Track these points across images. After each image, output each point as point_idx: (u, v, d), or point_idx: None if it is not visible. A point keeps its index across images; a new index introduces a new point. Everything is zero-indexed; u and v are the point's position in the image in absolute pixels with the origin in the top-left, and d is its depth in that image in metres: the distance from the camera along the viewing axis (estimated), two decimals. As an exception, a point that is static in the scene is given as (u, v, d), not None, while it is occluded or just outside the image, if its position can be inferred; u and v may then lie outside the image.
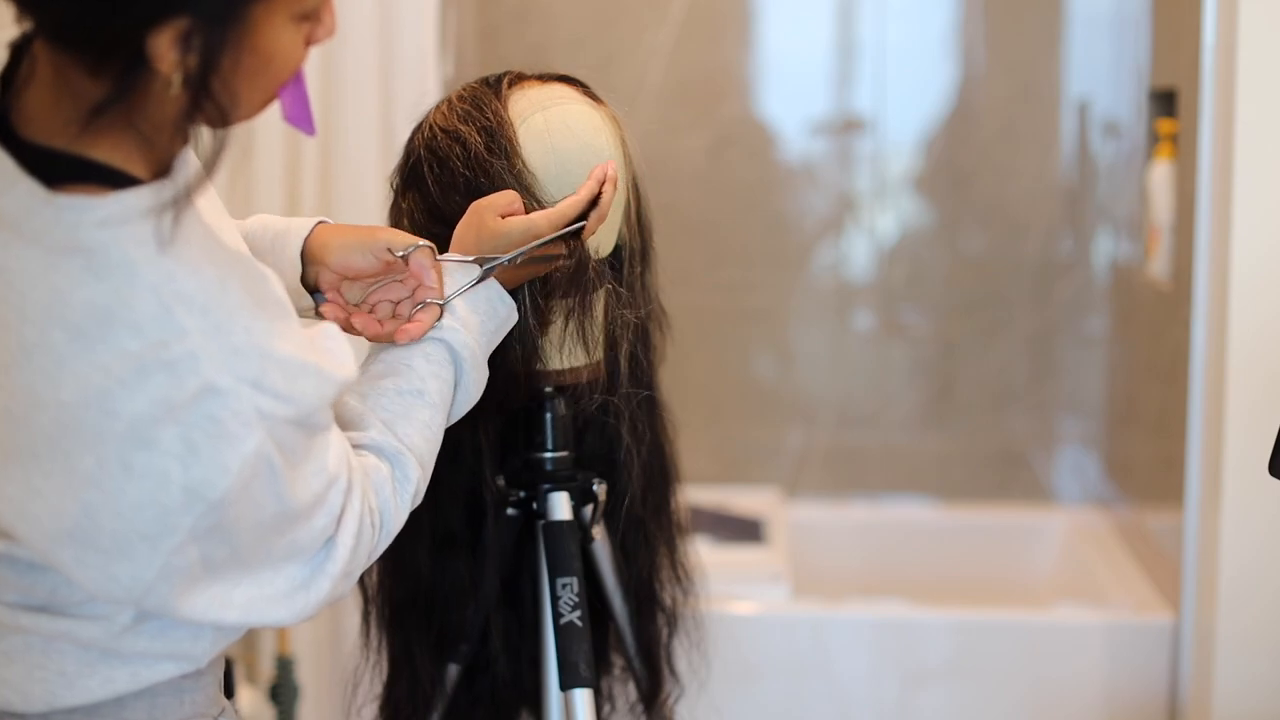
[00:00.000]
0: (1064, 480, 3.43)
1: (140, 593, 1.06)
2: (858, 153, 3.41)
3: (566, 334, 1.55)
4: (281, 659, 2.37)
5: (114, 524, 1.02)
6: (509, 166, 1.48)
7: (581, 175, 1.51)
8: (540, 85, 1.56)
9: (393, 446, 1.27)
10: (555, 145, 1.50)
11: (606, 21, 3.37)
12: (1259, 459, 2.27)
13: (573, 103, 1.55)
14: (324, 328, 1.17)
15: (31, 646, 1.12)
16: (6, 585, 1.11)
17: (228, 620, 1.11)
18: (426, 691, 1.67)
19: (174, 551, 1.04)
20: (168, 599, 1.07)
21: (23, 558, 1.09)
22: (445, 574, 1.66)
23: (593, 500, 1.65)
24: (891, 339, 3.45)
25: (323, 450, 1.13)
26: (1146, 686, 2.66)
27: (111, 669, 1.13)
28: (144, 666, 1.15)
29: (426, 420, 1.30)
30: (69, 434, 1.01)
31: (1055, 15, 3.33)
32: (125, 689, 1.14)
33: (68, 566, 1.05)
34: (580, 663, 1.54)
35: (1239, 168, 2.32)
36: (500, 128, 1.50)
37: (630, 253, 1.61)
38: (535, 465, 1.65)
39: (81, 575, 1.05)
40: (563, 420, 1.64)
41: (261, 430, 1.04)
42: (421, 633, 1.67)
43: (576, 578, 1.58)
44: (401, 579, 1.66)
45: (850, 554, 3.37)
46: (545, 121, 1.51)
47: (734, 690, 2.73)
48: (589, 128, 1.53)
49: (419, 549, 1.63)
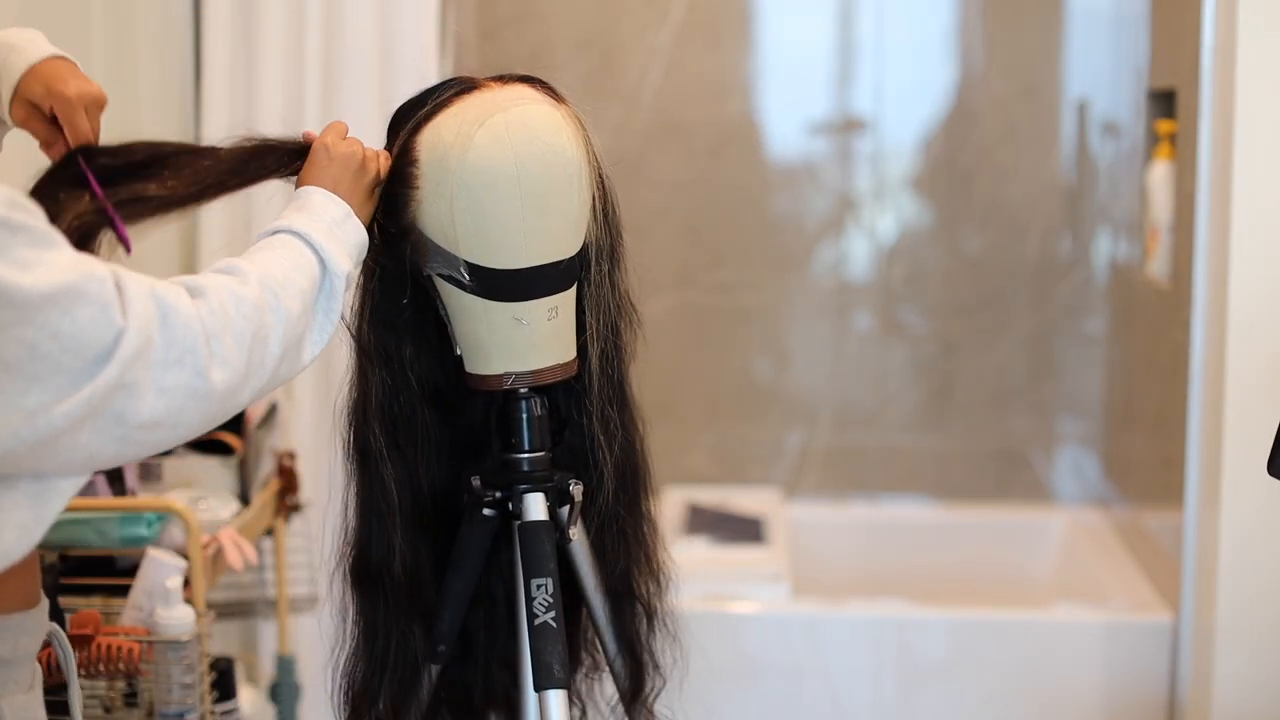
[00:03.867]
0: (1063, 480, 3.43)
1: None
2: (858, 153, 3.41)
3: (537, 333, 1.56)
4: (282, 659, 2.37)
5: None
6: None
7: (541, 174, 1.51)
8: (501, 86, 1.57)
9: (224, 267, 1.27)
10: (515, 146, 1.51)
11: (606, 21, 3.38)
12: (1258, 459, 2.26)
13: (533, 103, 1.55)
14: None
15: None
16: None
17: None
18: (383, 662, 1.68)
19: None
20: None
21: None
22: (418, 555, 1.67)
23: (569, 501, 1.66)
24: (891, 339, 3.45)
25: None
26: (1145, 685, 2.67)
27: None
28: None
29: (274, 259, 1.31)
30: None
31: (1055, 15, 3.33)
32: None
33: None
34: (555, 663, 1.55)
35: (1238, 168, 2.32)
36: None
37: (598, 250, 1.62)
38: (511, 466, 1.65)
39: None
40: (538, 420, 1.65)
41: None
42: (389, 606, 1.67)
43: (551, 579, 1.59)
44: (373, 548, 1.66)
45: (850, 554, 3.38)
46: (505, 123, 1.52)
47: (734, 689, 2.73)
48: (549, 127, 1.53)
49: (393, 527, 1.64)
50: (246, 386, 1.22)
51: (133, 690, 1.85)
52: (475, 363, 1.61)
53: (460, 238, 1.52)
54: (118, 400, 1.10)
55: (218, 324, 1.18)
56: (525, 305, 1.56)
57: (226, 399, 1.19)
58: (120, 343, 1.09)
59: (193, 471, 2.10)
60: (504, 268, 1.54)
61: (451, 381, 1.65)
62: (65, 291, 1.07)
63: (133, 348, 1.10)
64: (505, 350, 1.58)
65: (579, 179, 1.55)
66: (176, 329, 1.14)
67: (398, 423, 1.63)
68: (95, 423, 1.10)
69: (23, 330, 1.05)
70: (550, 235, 1.55)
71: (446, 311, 1.60)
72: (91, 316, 1.07)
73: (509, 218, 1.51)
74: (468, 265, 1.53)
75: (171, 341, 1.13)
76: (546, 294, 1.57)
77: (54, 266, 1.07)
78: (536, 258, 1.54)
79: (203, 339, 1.16)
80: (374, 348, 1.61)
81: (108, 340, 1.08)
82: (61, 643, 1.44)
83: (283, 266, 1.30)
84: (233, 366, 1.18)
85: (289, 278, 1.29)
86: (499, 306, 1.56)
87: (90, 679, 1.78)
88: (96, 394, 1.08)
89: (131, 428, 1.12)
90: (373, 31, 2.59)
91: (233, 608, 2.39)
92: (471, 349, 1.61)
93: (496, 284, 1.54)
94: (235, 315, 1.20)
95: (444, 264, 1.54)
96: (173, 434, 1.16)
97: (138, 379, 1.11)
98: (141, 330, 1.11)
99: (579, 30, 3.39)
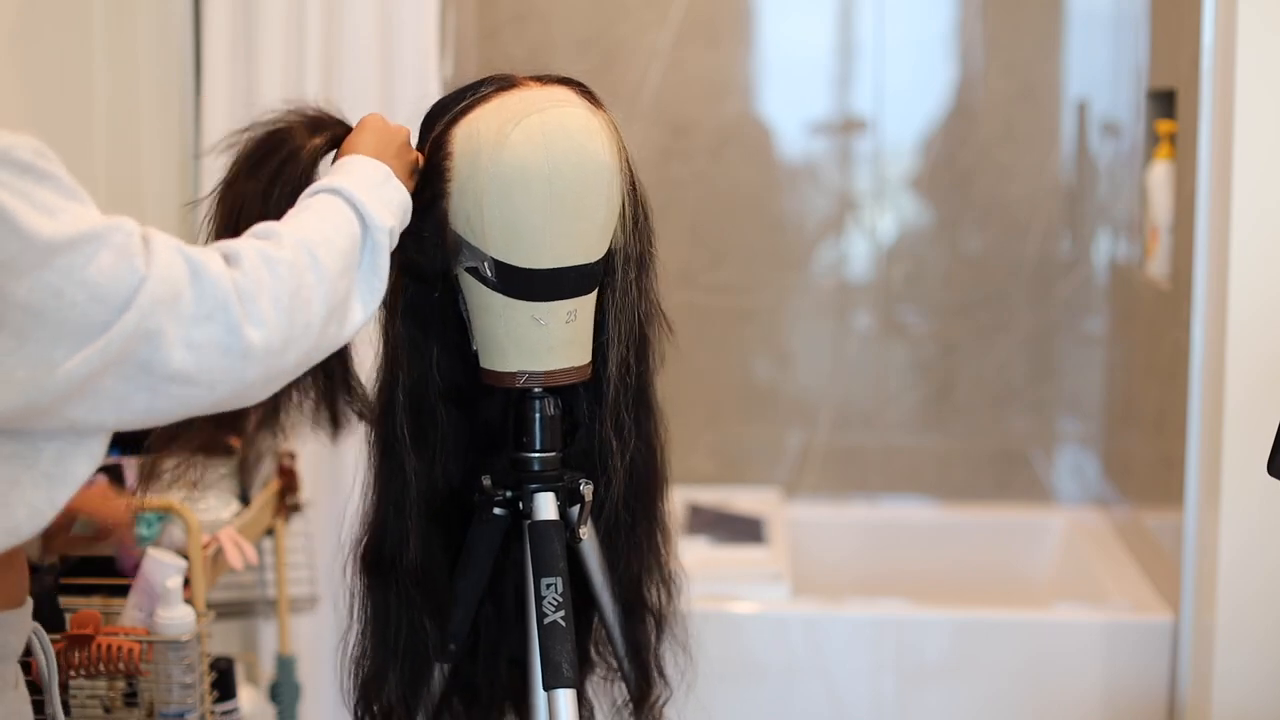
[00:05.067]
0: (1063, 480, 3.43)
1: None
2: (858, 153, 3.41)
3: (554, 335, 1.56)
4: (282, 659, 2.37)
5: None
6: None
7: (573, 177, 1.52)
8: (540, 87, 1.58)
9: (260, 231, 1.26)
10: (550, 147, 1.51)
11: (606, 22, 3.38)
12: (1258, 458, 2.27)
13: (570, 106, 1.56)
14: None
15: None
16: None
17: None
18: (394, 650, 1.68)
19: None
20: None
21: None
22: (431, 546, 1.67)
23: (579, 501, 1.66)
24: (891, 339, 3.45)
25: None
26: (1145, 685, 2.67)
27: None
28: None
29: (311, 220, 1.29)
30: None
31: (1054, 15, 3.33)
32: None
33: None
34: (564, 663, 1.55)
35: (1238, 167, 2.33)
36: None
37: (625, 258, 1.62)
38: (522, 465, 1.66)
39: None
40: (551, 420, 1.65)
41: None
42: (400, 595, 1.67)
43: (561, 578, 1.59)
44: (388, 537, 1.67)
45: (850, 554, 3.38)
46: (542, 123, 1.52)
47: (734, 689, 2.73)
48: (585, 131, 1.54)
49: (410, 517, 1.65)
50: (291, 349, 1.20)
51: (133, 690, 1.85)
52: (491, 359, 1.62)
53: (488, 233, 1.53)
54: (141, 349, 1.10)
55: (251, 285, 1.17)
56: (545, 306, 1.57)
57: (268, 361, 1.17)
58: (141, 289, 1.09)
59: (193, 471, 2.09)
60: (528, 267, 1.54)
61: (471, 379, 1.66)
62: (88, 238, 1.08)
63: (153, 296, 1.10)
64: (521, 349, 1.59)
65: (610, 185, 1.56)
66: (206, 285, 1.14)
67: (422, 415, 1.64)
68: (120, 369, 1.10)
69: (47, 275, 1.06)
70: (577, 238, 1.55)
71: (467, 308, 1.61)
72: (113, 263, 1.09)
73: (538, 217, 1.52)
74: (493, 262, 1.54)
75: (202, 296, 1.13)
76: (568, 296, 1.57)
77: (79, 215, 1.08)
78: (561, 259, 1.55)
79: (235, 297, 1.15)
80: (404, 339, 1.62)
81: (130, 287, 1.09)
82: (44, 643, 1.45)
83: (320, 228, 1.28)
84: (270, 327, 1.17)
85: (327, 238, 1.27)
86: (519, 305, 1.56)
87: (90, 679, 1.78)
88: (114, 342, 1.09)
89: (159, 379, 1.12)
90: (373, 32, 2.59)
91: (233, 608, 2.39)
92: (488, 345, 1.61)
93: (519, 282, 1.55)
94: (269, 277, 1.19)
95: (470, 258, 1.55)
96: (209, 394, 1.15)
97: (162, 328, 1.11)
98: (164, 280, 1.11)
99: (579, 30, 3.39)
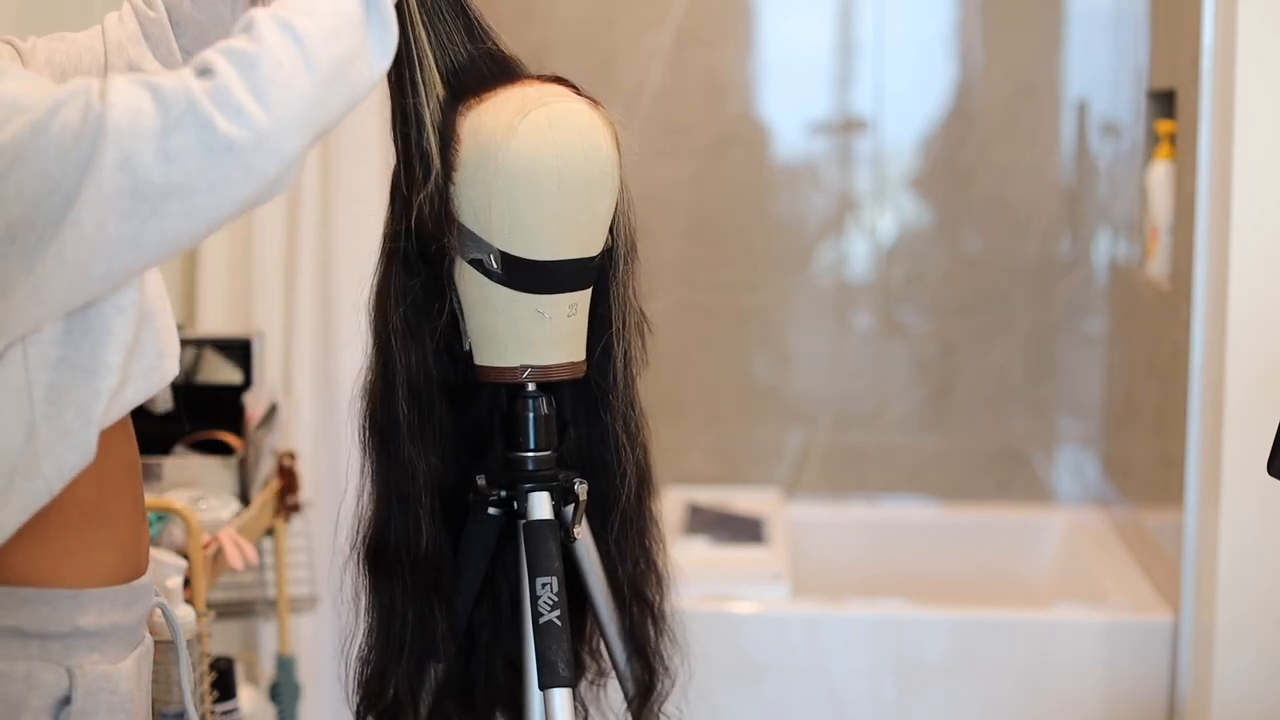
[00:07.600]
0: (1063, 480, 3.43)
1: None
2: (858, 153, 3.41)
3: (556, 328, 1.57)
4: (282, 659, 2.37)
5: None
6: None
7: (581, 170, 1.54)
8: (540, 84, 1.61)
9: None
10: (558, 139, 1.53)
11: (606, 21, 3.38)
12: (1258, 458, 2.27)
13: (575, 100, 1.59)
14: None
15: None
16: None
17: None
18: (400, 646, 1.67)
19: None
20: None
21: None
22: (439, 535, 1.66)
23: (574, 500, 1.66)
24: (891, 339, 3.45)
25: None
26: (1145, 685, 2.67)
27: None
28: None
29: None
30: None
31: (1054, 15, 3.33)
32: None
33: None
34: (559, 662, 1.56)
35: (1238, 167, 2.33)
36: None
37: (622, 253, 1.65)
38: (516, 464, 1.66)
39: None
40: (545, 419, 1.65)
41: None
42: (407, 588, 1.66)
43: (556, 577, 1.59)
44: (394, 529, 1.66)
45: (849, 554, 3.38)
46: (549, 115, 1.54)
47: (734, 689, 2.73)
48: (590, 125, 1.57)
49: (418, 506, 1.64)
50: (295, 127, 1.16)
51: (133, 690, 1.85)
52: (488, 355, 1.62)
53: (494, 224, 1.54)
54: (123, 179, 1.09)
55: (222, 84, 1.13)
56: (549, 299, 1.58)
57: (271, 144, 1.14)
58: (103, 125, 1.09)
59: (193, 471, 2.10)
60: (534, 258, 1.55)
61: (461, 377, 1.66)
62: (51, 109, 1.10)
63: (115, 125, 1.09)
64: (522, 343, 1.60)
65: (612, 180, 1.59)
66: (166, 97, 1.11)
67: (420, 404, 1.63)
68: (115, 207, 1.10)
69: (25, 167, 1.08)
70: (581, 231, 1.57)
71: (461, 303, 1.61)
72: (72, 114, 1.09)
73: (546, 208, 1.53)
74: (499, 253, 1.55)
75: (165, 108, 1.11)
76: (570, 289, 1.59)
77: (44, 90, 1.10)
78: (567, 251, 1.57)
79: (204, 100, 1.12)
80: (401, 328, 1.61)
81: (92, 127, 1.09)
82: (169, 618, 1.43)
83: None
84: (250, 115, 1.12)
85: (309, 7, 1.22)
86: (523, 297, 1.57)
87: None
88: (103, 185, 1.09)
89: (153, 200, 1.10)
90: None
91: (233, 608, 2.39)
92: (486, 340, 1.61)
93: (524, 274, 1.56)
94: (241, 70, 1.14)
95: (474, 249, 1.55)
96: (214, 198, 1.12)
97: (134, 150, 1.09)
98: (123, 107, 1.10)
99: (579, 30, 3.39)
